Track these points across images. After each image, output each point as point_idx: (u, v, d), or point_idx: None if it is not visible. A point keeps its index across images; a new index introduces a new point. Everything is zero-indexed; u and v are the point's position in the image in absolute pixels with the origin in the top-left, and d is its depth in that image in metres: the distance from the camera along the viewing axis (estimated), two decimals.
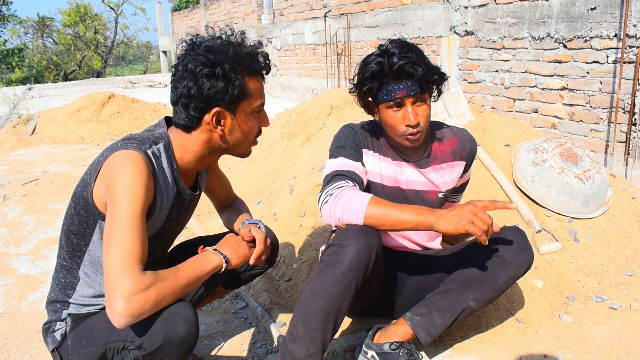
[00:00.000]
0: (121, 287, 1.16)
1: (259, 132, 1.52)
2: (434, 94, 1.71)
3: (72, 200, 1.43)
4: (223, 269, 1.41)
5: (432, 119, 1.84)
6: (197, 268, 1.34)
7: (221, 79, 1.35)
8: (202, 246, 1.46)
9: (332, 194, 1.58)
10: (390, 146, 1.77)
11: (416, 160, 1.78)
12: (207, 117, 1.39)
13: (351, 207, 1.54)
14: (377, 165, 1.76)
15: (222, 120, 1.41)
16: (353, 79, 1.71)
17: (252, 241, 1.55)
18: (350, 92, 1.74)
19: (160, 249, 1.59)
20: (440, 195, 1.80)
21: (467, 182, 1.95)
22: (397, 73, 1.58)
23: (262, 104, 1.48)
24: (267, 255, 1.57)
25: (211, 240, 1.64)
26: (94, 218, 1.38)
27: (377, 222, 1.53)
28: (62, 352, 1.45)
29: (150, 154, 1.37)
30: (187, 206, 1.56)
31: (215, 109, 1.38)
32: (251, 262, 1.51)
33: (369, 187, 1.76)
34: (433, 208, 1.54)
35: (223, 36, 1.42)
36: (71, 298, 1.47)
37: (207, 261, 1.38)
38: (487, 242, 1.44)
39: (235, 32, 1.44)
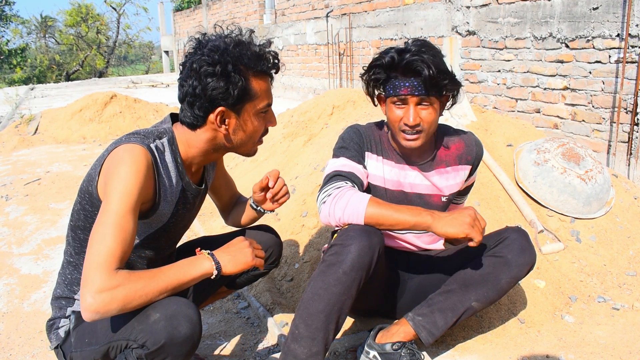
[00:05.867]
0: (90, 283, 1.18)
1: (266, 131, 1.52)
2: (448, 104, 1.69)
3: (78, 195, 1.43)
4: (214, 276, 1.33)
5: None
6: (182, 272, 1.29)
7: (223, 80, 1.34)
8: (199, 248, 1.40)
9: (330, 194, 1.59)
10: (394, 149, 1.77)
11: (420, 163, 1.77)
12: (212, 117, 1.39)
13: (351, 207, 1.54)
14: (380, 169, 1.76)
15: (226, 120, 1.41)
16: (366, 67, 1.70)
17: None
18: (360, 76, 1.72)
19: (167, 245, 1.58)
20: (443, 199, 1.80)
21: (471, 185, 1.95)
22: (405, 68, 1.57)
23: (269, 105, 1.47)
24: (283, 195, 1.69)
25: (220, 241, 1.63)
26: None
27: (376, 222, 1.53)
28: (66, 349, 1.45)
29: (154, 148, 1.38)
30: (193, 201, 1.56)
31: (219, 109, 1.38)
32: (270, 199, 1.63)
33: (369, 190, 1.75)
34: (432, 210, 1.54)
35: (232, 35, 1.41)
36: (77, 294, 1.48)
37: (195, 266, 1.31)
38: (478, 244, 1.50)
39: (244, 31, 1.43)
